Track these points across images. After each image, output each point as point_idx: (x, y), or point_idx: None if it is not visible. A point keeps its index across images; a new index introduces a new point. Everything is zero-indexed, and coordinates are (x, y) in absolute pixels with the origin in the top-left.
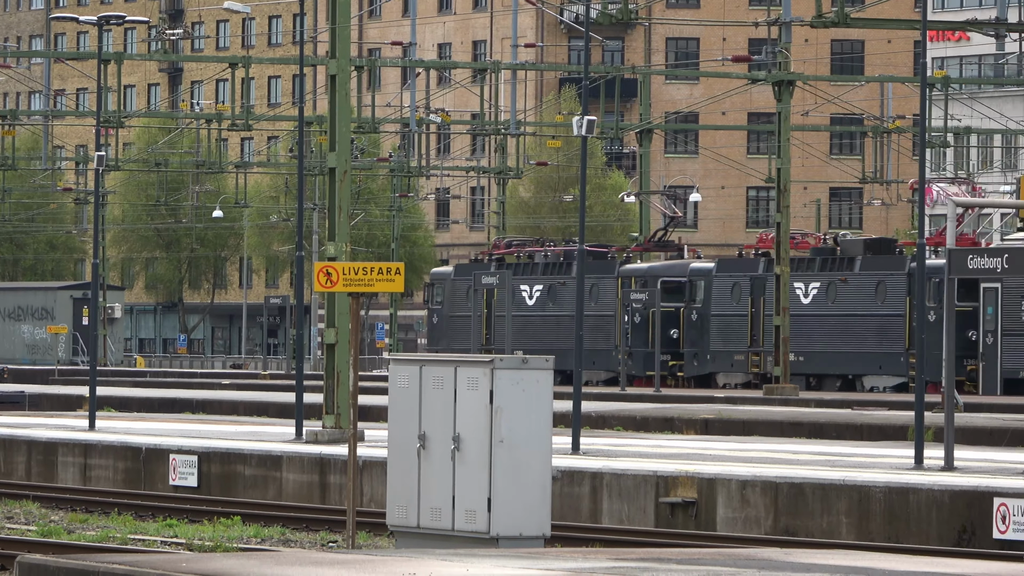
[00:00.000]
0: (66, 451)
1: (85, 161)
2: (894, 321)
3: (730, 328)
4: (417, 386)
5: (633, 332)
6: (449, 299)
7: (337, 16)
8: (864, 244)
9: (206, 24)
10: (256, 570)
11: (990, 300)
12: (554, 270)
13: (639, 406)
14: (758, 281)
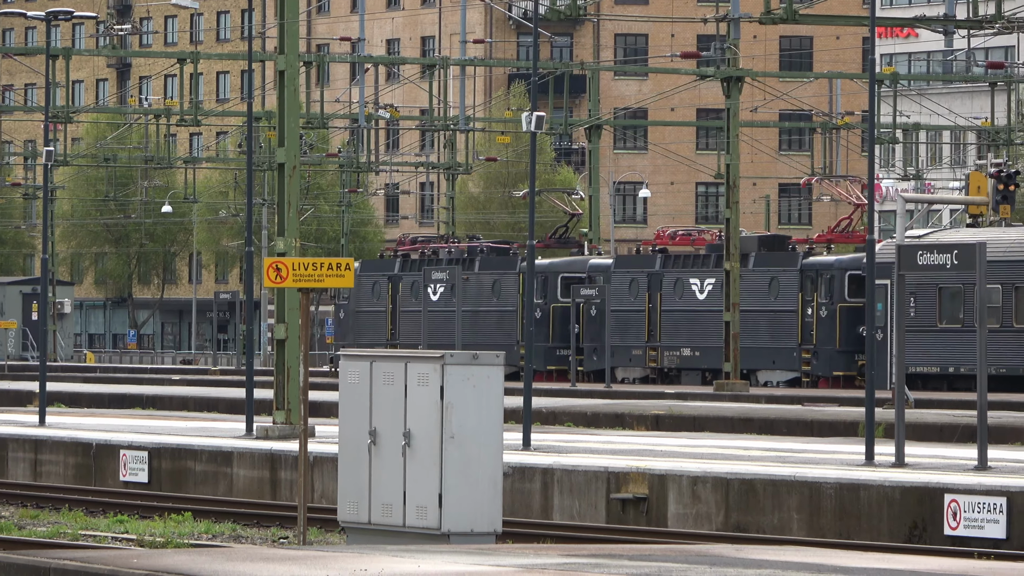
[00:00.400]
0: (16, 447)
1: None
2: (787, 316)
3: (628, 323)
4: (368, 382)
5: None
6: (355, 295)
7: (286, 12)
8: (759, 241)
9: (154, 19)
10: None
11: (881, 296)
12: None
13: (590, 402)
14: (655, 277)
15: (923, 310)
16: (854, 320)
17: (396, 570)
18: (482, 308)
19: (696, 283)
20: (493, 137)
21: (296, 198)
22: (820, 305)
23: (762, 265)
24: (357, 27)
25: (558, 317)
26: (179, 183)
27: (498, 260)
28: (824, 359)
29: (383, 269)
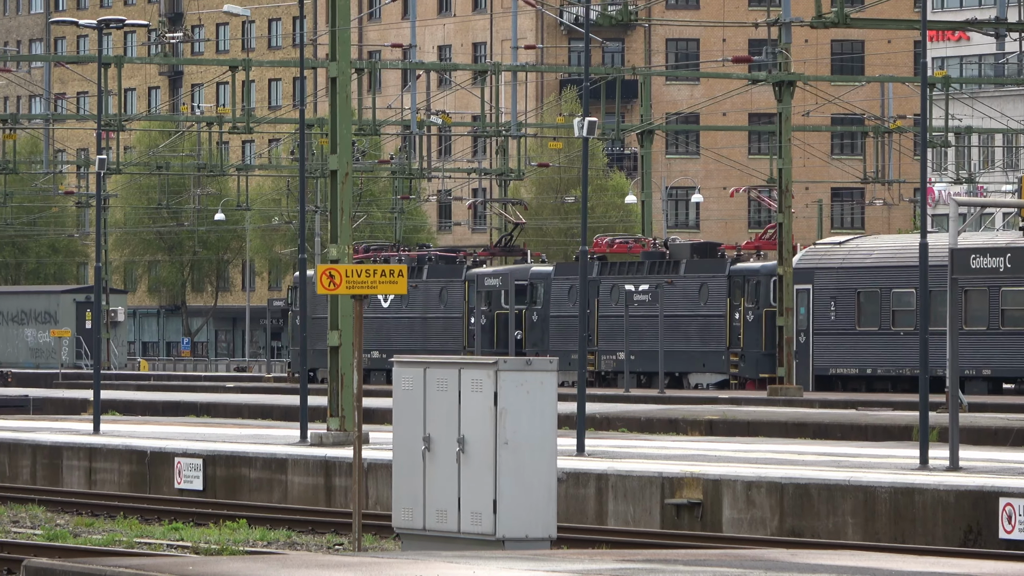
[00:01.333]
0: (71, 455)
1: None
2: (716, 321)
3: (568, 328)
4: (421, 388)
5: (480, 333)
6: (312, 302)
7: (337, 19)
8: (691, 248)
9: (206, 27)
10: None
11: (803, 301)
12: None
13: (643, 407)
14: (592, 284)
15: (843, 314)
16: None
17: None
18: (430, 315)
19: (631, 288)
20: (545, 143)
21: (348, 205)
22: (747, 310)
23: (693, 271)
24: (408, 33)
25: (502, 323)
26: (232, 191)
27: (445, 268)
28: (751, 362)
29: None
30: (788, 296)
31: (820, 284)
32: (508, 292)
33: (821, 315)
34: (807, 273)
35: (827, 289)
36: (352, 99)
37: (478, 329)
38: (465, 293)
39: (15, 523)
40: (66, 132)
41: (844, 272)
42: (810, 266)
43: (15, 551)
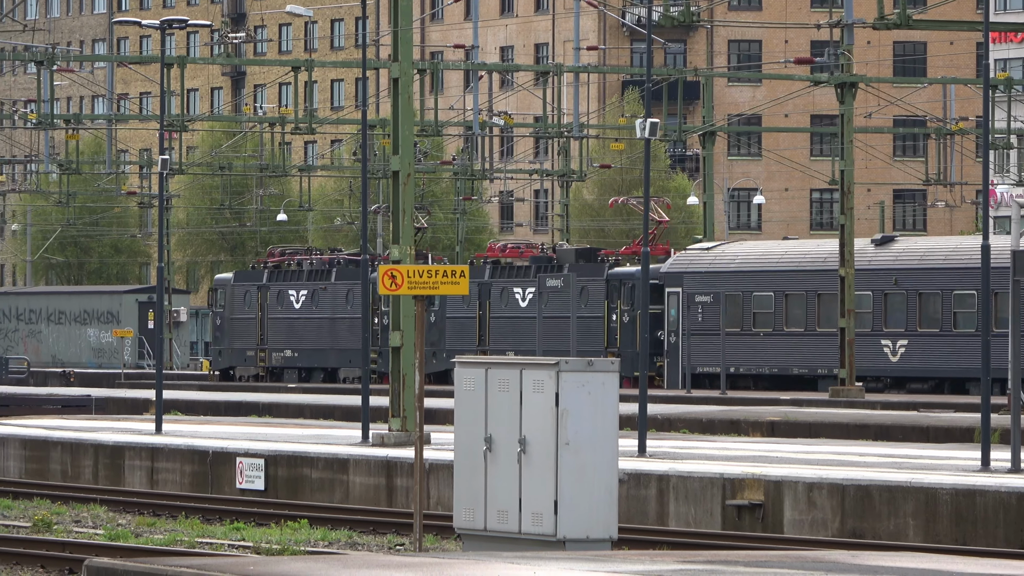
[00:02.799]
0: (133, 455)
1: (149, 165)
2: (595, 322)
3: (464, 328)
4: (483, 389)
5: (383, 333)
6: (230, 303)
7: (399, 19)
8: (575, 253)
9: (268, 27)
10: (323, 573)
11: (673, 304)
12: (317, 277)
13: (704, 408)
14: (484, 286)
15: (709, 316)
16: (653, 325)
17: None
18: (338, 315)
19: (519, 292)
20: (607, 144)
21: (410, 205)
22: (623, 312)
23: (576, 275)
24: (471, 34)
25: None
26: (294, 191)
27: (352, 271)
28: (627, 361)
29: (254, 279)
30: (850, 298)
31: (689, 288)
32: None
33: (691, 316)
34: (677, 277)
35: (695, 292)
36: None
37: (381, 329)
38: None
39: (77, 523)
40: (129, 132)
41: (710, 276)
42: (680, 270)
43: (77, 551)
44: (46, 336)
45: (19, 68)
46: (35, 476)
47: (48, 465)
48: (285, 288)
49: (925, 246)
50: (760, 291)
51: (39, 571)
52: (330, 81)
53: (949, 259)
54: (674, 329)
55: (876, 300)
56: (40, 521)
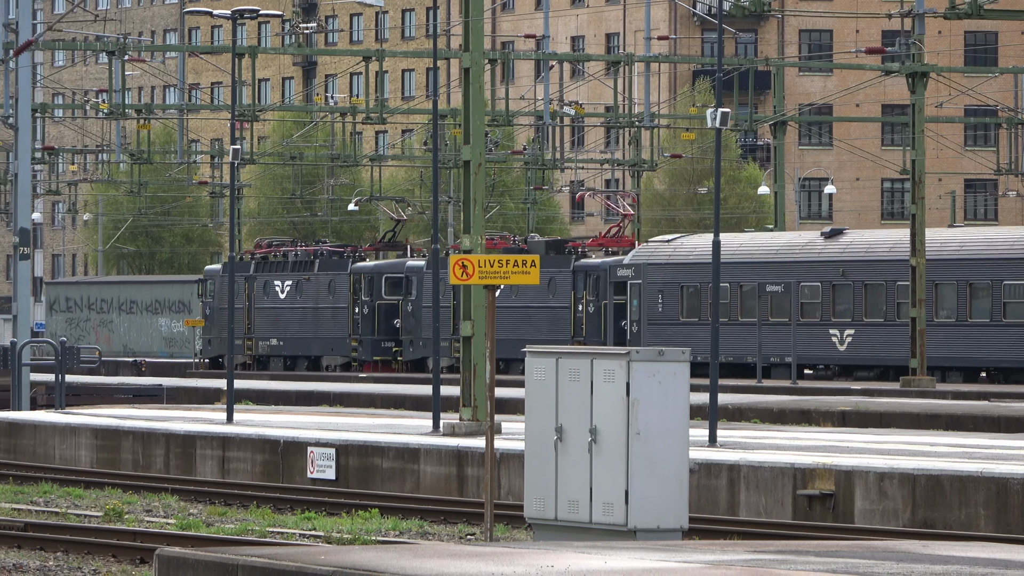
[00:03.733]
0: (204, 444)
1: (220, 155)
2: (563, 311)
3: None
4: (554, 378)
5: (362, 322)
6: (219, 293)
7: (471, 9)
8: (545, 244)
9: (339, 18)
10: (395, 563)
11: (635, 294)
12: (301, 268)
13: (775, 398)
14: None
15: (669, 306)
16: (617, 314)
17: (583, 567)
18: (321, 305)
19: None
20: (678, 134)
21: (482, 195)
22: (589, 302)
23: (545, 267)
24: (541, 24)
25: (382, 313)
26: (365, 181)
27: (334, 262)
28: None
29: (241, 270)
30: (920, 288)
31: (650, 279)
32: (385, 284)
33: (651, 306)
34: (638, 268)
35: (656, 283)
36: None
37: (361, 318)
38: (350, 285)
39: (148, 512)
40: (200, 122)
41: (670, 268)
42: (640, 262)
43: (148, 540)
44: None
45: (91, 58)
46: (106, 465)
47: (119, 454)
48: (271, 278)
49: (871, 239)
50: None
51: (110, 560)
52: (401, 71)
53: (893, 251)
54: (635, 318)
55: (824, 290)
56: (111, 511)
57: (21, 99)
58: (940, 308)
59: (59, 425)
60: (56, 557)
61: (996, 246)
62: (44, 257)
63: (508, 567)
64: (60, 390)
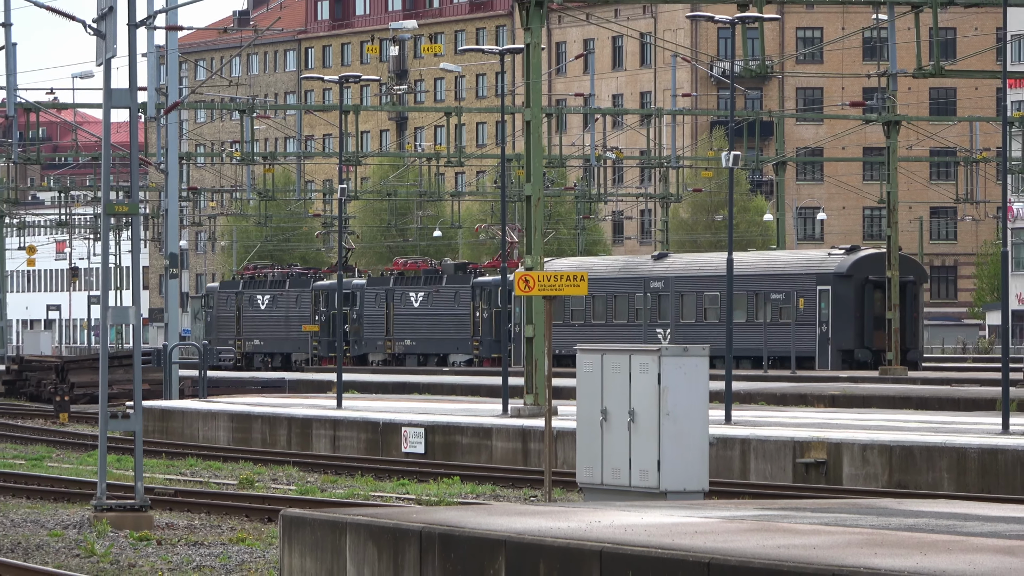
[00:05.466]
0: (319, 426)
1: (330, 193)
2: (464, 318)
3: (375, 323)
4: (599, 371)
5: (321, 328)
6: (218, 305)
7: (531, 74)
8: (454, 266)
9: (426, 81)
10: (472, 519)
11: (517, 304)
12: (276, 285)
13: (778, 385)
14: (390, 292)
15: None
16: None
17: (624, 521)
18: (291, 314)
19: (413, 295)
20: (698, 172)
21: (540, 223)
22: (483, 310)
23: (452, 283)
24: (588, 85)
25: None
26: (447, 213)
27: (299, 280)
28: (486, 347)
29: (233, 287)
30: (895, 294)
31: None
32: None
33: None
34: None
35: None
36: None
37: (320, 324)
38: (311, 299)
39: (274, 481)
40: (314, 166)
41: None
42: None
43: (274, 503)
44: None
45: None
46: (240, 443)
47: (250, 434)
48: (254, 294)
49: (687, 261)
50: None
51: (244, 520)
52: (475, 123)
53: (703, 270)
54: (518, 322)
55: (652, 300)
56: (244, 480)
57: (170, 149)
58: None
59: (202, 411)
60: (200, 517)
61: (766, 266)
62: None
63: (563, 522)
64: (203, 383)
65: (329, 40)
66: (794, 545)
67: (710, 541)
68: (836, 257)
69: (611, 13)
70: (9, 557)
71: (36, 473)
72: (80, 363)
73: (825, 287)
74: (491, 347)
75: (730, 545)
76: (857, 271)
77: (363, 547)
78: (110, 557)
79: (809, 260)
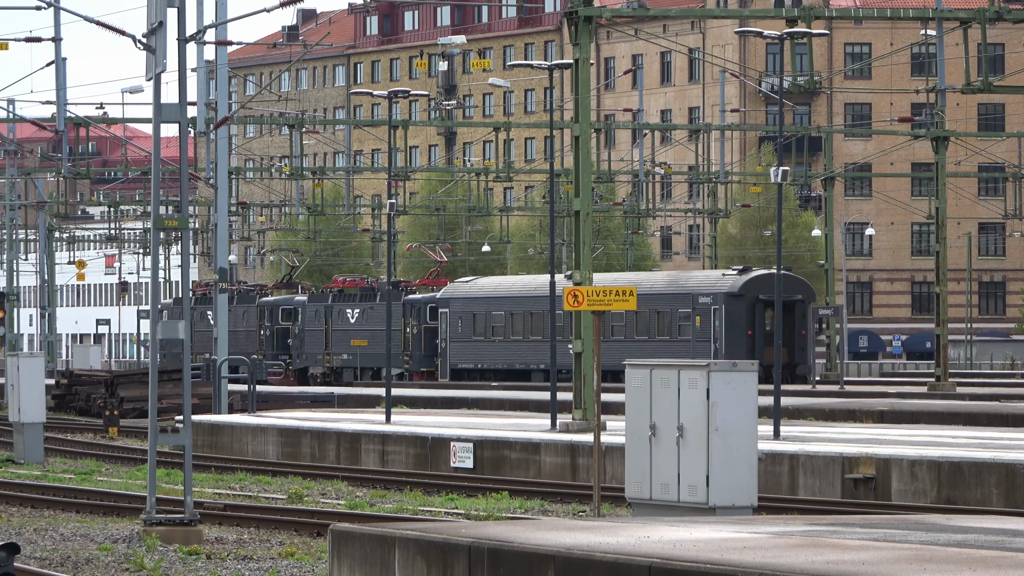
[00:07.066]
0: (367, 440)
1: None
2: (396, 334)
3: (316, 338)
4: (648, 386)
5: (266, 342)
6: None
7: (580, 89)
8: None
9: (474, 96)
10: (521, 534)
11: (443, 320)
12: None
13: (826, 400)
14: (328, 308)
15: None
16: (432, 336)
17: (673, 536)
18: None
19: (350, 312)
20: (747, 188)
21: (589, 239)
22: (413, 326)
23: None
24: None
25: (279, 335)
26: (495, 227)
27: (248, 297)
28: (416, 360)
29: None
30: (943, 309)
31: (454, 309)
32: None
33: (454, 329)
34: (446, 301)
35: (457, 312)
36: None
37: (265, 339)
38: (258, 315)
39: (323, 495)
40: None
41: (467, 301)
42: (448, 296)
43: (323, 518)
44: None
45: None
46: (289, 458)
47: (300, 449)
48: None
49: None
50: (495, 311)
51: (293, 534)
52: (524, 138)
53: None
54: (444, 337)
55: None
56: (293, 494)
57: (220, 164)
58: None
59: (251, 425)
60: (249, 531)
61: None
62: None
63: (613, 537)
64: (252, 397)
65: (378, 55)
66: (843, 561)
67: (759, 556)
68: (729, 277)
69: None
70: (59, 571)
71: (86, 487)
72: (129, 377)
73: (719, 306)
74: (420, 361)
75: (779, 560)
76: (748, 291)
77: (412, 562)
78: (160, 571)
79: (706, 280)
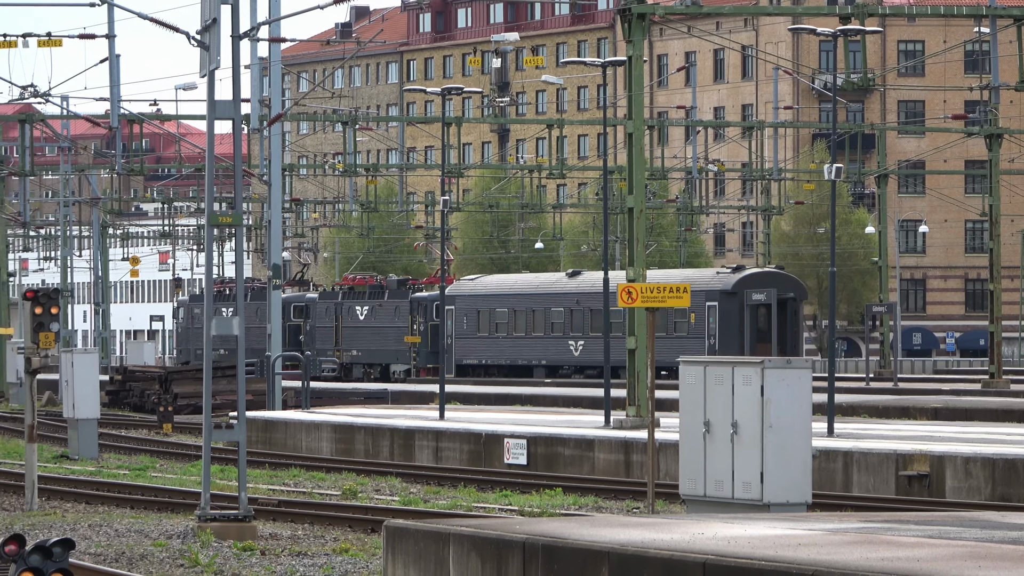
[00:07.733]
0: (421, 437)
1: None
2: (403, 331)
3: (326, 334)
4: (702, 383)
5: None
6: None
7: (633, 86)
8: (397, 282)
9: (527, 93)
10: (575, 531)
11: (450, 316)
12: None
13: (880, 397)
14: (338, 305)
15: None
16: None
17: (727, 533)
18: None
19: (359, 309)
20: (800, 185)
21: (643, 236)
22: (420, 323)
23: (393, 298)
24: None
25: (291, 331)
26: (548, 224)
27: (259, 294)
28: (423, 357)
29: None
30: (997, 306)
31: (459, 306)
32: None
33: (459, 325)
34: (452, 299)
35: (463, 309)
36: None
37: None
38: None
39: (377, 492)
40: (416, 178)
41: (472, 298)
42: (453, 294)
43: (377, 514)
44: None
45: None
46: (343, 454)
47: (353, 445)
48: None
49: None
50: (500, 308)
51: (347, 530)
52: (577, 136)
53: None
54: (450, 334)
55: (566, 314)
56: (347, 490)
57: (273, 161)
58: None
59: (305, 422)
60: (304, 527)
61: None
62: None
63: (667, 534)
64: (306, 393)
65: (431, 52)
66: (898, 558)
67: (814, 553)
68: (723, 276)
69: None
70: (114, 567)
71: (140, 483)
72: (183, 373)
73: (713, 303)
74: (427, 358)
75: (834, 557)
76: (741, 288)
77: (466, 558)
78: (214, 567)
79: (701, 278)
